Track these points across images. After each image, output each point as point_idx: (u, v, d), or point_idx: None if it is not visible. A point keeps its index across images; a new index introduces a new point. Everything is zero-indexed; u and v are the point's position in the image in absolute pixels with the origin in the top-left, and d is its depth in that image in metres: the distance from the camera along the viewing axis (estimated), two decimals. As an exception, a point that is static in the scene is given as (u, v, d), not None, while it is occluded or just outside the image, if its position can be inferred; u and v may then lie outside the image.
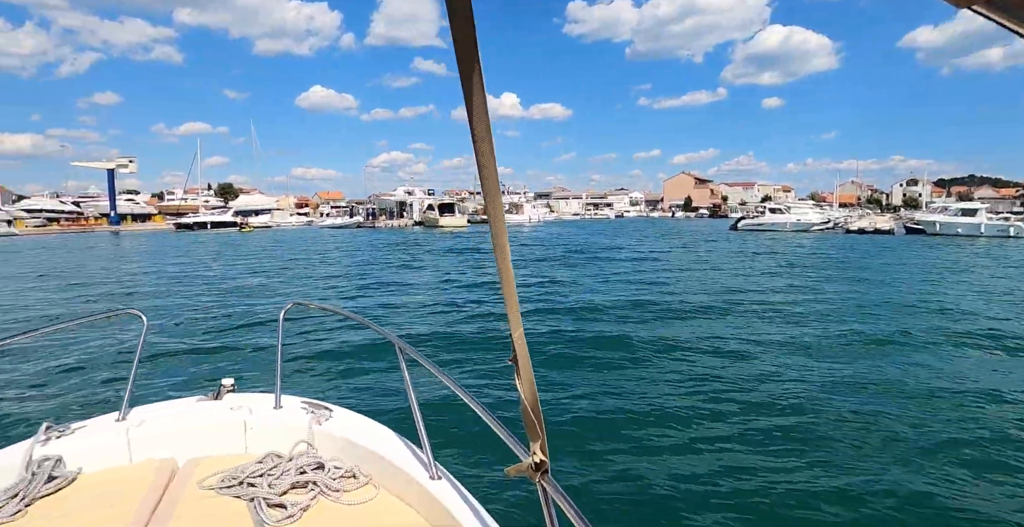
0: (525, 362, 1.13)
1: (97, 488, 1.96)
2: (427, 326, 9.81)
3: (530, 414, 1.18)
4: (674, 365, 7.32)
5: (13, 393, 5.85)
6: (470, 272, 18.62)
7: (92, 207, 79.97)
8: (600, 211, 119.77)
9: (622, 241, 36.37)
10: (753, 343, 8.32)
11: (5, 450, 2.08)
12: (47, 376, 6.44)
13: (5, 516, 1.74)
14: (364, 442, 2.13)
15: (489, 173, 0.90)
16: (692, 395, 6.14)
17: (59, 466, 2.00)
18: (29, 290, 15.30)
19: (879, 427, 5.20)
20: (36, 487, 1.87)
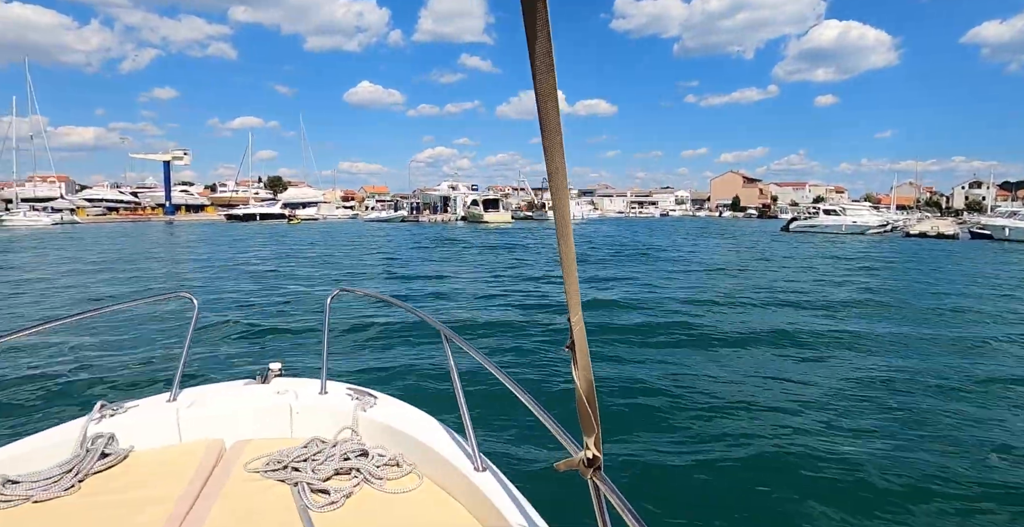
0: (583, 350, 1.08)
1: (147, 466, 1.99)
2: (473, 316, 9.70)
3: (585, 406, 1.12)
4: (733, 364, 6.96)
5: (71, 371, 5.97)
6: (515, 268, 18.31)
7: (149, 197, 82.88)
8: (645, 209, 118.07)
9: (669, 240, 35.56)
10: (821, 347, 7.79)
11: (62, 426, 2.14)
12: (103, 355, 6.54)
13: (60, 490, 1.77)
14: (408, 430, 2.11)
15: (557, 164, 0.88)
16: (755, 395, 5.84)
17: (112, 443, 2.03)
18: (89, 273, 15.83)
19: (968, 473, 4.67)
20: (90, 463, 1.91)
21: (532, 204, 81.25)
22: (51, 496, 1.76)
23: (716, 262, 20.86)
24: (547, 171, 0.90)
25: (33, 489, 1.77)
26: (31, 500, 1.74)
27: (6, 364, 6.05)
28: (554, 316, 9.80)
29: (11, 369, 5.96)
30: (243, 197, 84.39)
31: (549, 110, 0.82)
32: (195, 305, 2.77)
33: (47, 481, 1.81)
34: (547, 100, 0.82)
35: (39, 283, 14.22)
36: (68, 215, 61.37)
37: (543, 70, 0.79)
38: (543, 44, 0.77)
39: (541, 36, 0.76)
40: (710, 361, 7.08)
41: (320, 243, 31.30)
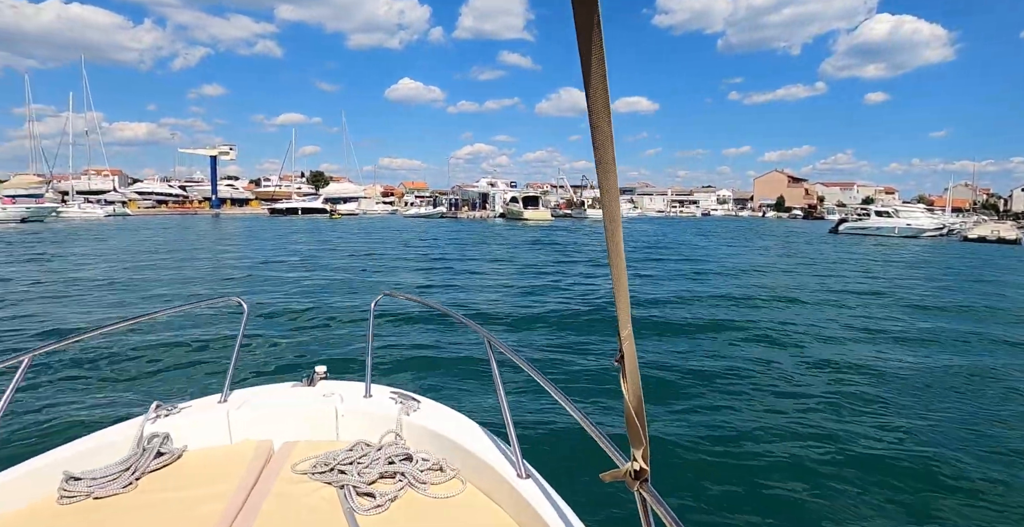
0: (632, 364, 1.10)
1: (200, 465, 2.05)
2: (514, 318, 9.49)
3: (634, 419, 1.13)
4: (789, 375, 6.56)
5: (128, 372, 6.17)
6: (558, 266, 18.00)
7: (196, 191, 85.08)
8: (686, 208, 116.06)
9: (712, 240, 34.71)
10: (892, 361, 7.27)
11: (120, 426, 2.21)
12: (158, 357, 6.74)
13: (118, 487, 1.84)
14: (452, 435, 2.11)
15: (607, 166, 0.87)
16: (819, 409, 5.55)
17: (166, 443, 2.10)
18: (141, 267, 16.18)
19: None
20: (146, 462, 1.97)
21: (571, 202, 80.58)
22: (110, 493, 1.82)
23: (766, 265, 20.16)
24: (599, 184, 0.89)
25: (93, 486, 1.83)
26: (92, 496, 1.80)
27: (70, 364, 6.25)
28: (598, 318, 9.49)
29: (74, 369, 6.15)
30: (286, 192, 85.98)
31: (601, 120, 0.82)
32: (244, 309, 2.85)
33: (107, 478, 1.88)
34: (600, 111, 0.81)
35: (95, 270, 14.66)
36: (120, 207, 63.45)
37: (595, 72, 0.79)
38: (595, 46, 0.76)
39: (595, 39, 0.75)
40: (770, 369, 6.70)
41: (360, 238, 31.50)
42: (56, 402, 5.29)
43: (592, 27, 0.74)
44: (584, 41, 0.76)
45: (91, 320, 9.06)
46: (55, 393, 5.53)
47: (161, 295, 11.67)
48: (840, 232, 47.48)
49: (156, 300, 11.05)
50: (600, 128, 0.82)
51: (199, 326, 8.14)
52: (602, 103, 0.81)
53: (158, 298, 11.31)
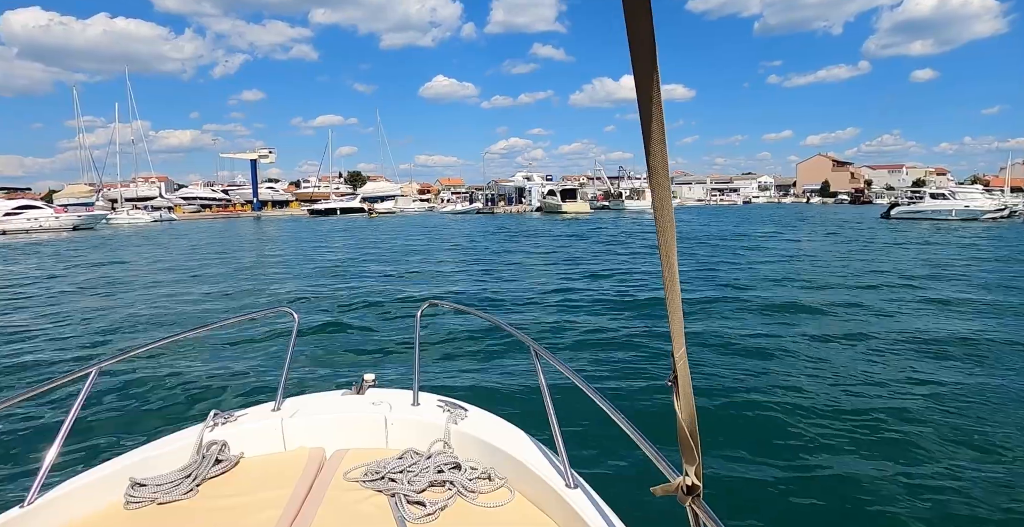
0: (686, 383, 1.11)
1: (256, 472, 2.10)
2: (560, 322, 9.16)
3: (687, 437, 1.14)
4: (851, 385, 5.95)
5: (187, 381, 6.36)
6: (604, 262, 17.43)
7: (238, 195, 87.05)
8: (726, 197, 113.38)
9: (759, 229, 33.53)
10: (970, 367, 6.56)
11: (180, 433, 2.30)
12: (215, 366, 6.91)
13: (180, 493, 1.90)
14: (499, 444, 2.10)
15: (658, 163, 0.85)
16: (885, 418, 5.04)
17: (224, 450, 2.15)
18: (188, 274, 16.44)
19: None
20: (205, 469, 2.02)
21: (609, 193, 79.53)
22: (173, 499, 1.88)
23: (825, 253, 19.21)
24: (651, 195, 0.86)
25: (158, 492, 1.89)
26: (156, 502, 1.86)
27: (132, 375, 6.45)
28: (646, 320, 8.98)
29: (137, 378, 6.38)
30: (324, 193, 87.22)
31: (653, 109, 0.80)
32: (295, 319, 2.89)
33: (169, 485, 1.93)
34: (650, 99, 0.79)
35: (145, 277, 15.03)
36: (166, 213, 65.25)
37: (644, 62, 0.78)
38: (645, 35, 0.75)
39: (643, 27, 0.74)
40: (823, 385, 6.07)
41: (398, 237, 31.42)
42: (121, 410, 5.53)
43: (641, 15, 0.73)
44: (633, 30, 0.74)
45: (149, 329, 9.29)
46: (120, 401, 5.75)
47: (210, 303, 11.80)
48: (892, 217, 45.44)
49: (207, 307, 11.31)
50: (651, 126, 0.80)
51: (252, 336, 8.32)
52: (653, 98, 0.79)
53: (208, 305, 11.48)
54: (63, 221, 46.84)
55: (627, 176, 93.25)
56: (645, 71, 0.77)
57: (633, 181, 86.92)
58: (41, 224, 45.33)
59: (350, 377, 3.57)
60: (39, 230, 44.54)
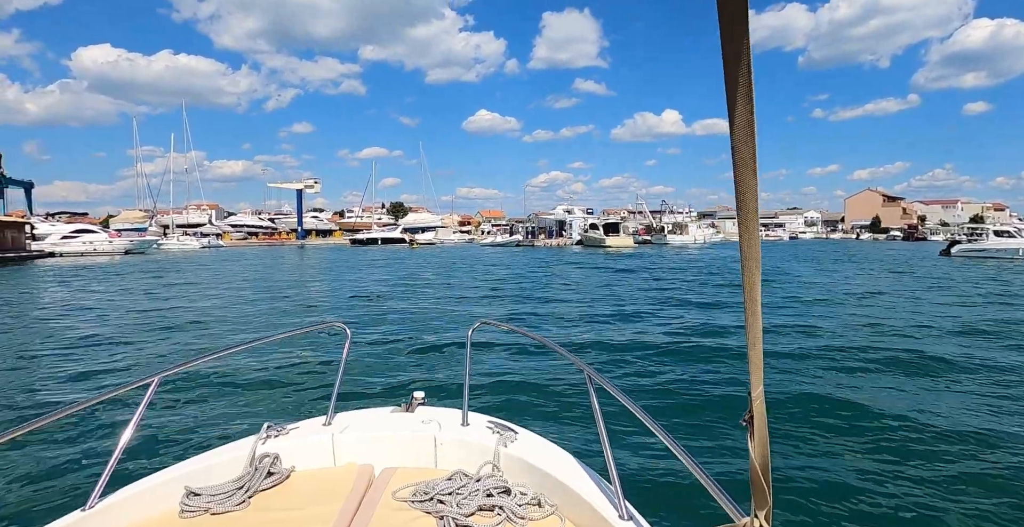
0: (761, 424, 1.09)
1: (306, 486, 2.10)
2: (614, 352, 8.68)
3: (759, 479, 1.11)
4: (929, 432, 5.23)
5: (241, 393, 6.48)
6: (656, 299, 16.59)
7: (284, 223, 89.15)
8: (771, 232, 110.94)
9: (809, 267, 32.08)
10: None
11: (234, 444, 2.31)
12: (268, 379, 7.03)
13: (232, 504, 1.91)
14: (550, 469, 2.04)
15: (748, 200, 0.84)
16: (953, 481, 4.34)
17: (276, 463, 2.16)
18: (239, 296, 16.66)
19: None
20: (258, 480, 2.04)
21: (650, 227, 78.43)
22: (225, 509, 1.89)
23: (885, 298, 17.95)
24: (738, 219, 0.85)
25: (212, 502, 1.91)
26: (209, 512, 1.88)
27: (190, 385, 6.61)
28: (717, 358, 8.18)
29: (194, 389, 6.53)
30: (366, 223, 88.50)
31: (745, 146, 0.80)
32: (347, 334, 2.88)
33: (223, 495, 1.95)
34: (744, 138, 0.80)
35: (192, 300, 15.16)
36: (214, 239, 67.06)
37: (742, 103, 0.79)
38: (743, 74, 0.77)
39: (743, 66, 0.76)
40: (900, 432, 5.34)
41: (439, 268, 31.19)
42: (179, 418, 5.64)
43: (741, 53, 0.74)
44: (732, 68, 0.76)
45: (204, 342, 9.64)
46: (178, 410, 5.88)
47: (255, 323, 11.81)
48: (953, 255, 43.17)
49: (252, 327, 11.46)
50: (742, 158, 0.79)
51: (305, 350, 8.45)
52: (746, 130, 0.79)
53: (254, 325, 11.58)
54: (116, 245, 48.22)
55: (669, 210, 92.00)
56: (740, 106, 0.75)
57: (676, 215, 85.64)
58: (96, 248, 46.72)
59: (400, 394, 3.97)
60: (93, 253, 45.88)
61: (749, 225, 0.82)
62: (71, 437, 5.04)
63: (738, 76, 0.74)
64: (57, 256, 44.14)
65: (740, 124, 0.77)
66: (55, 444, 4.88)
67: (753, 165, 0.79)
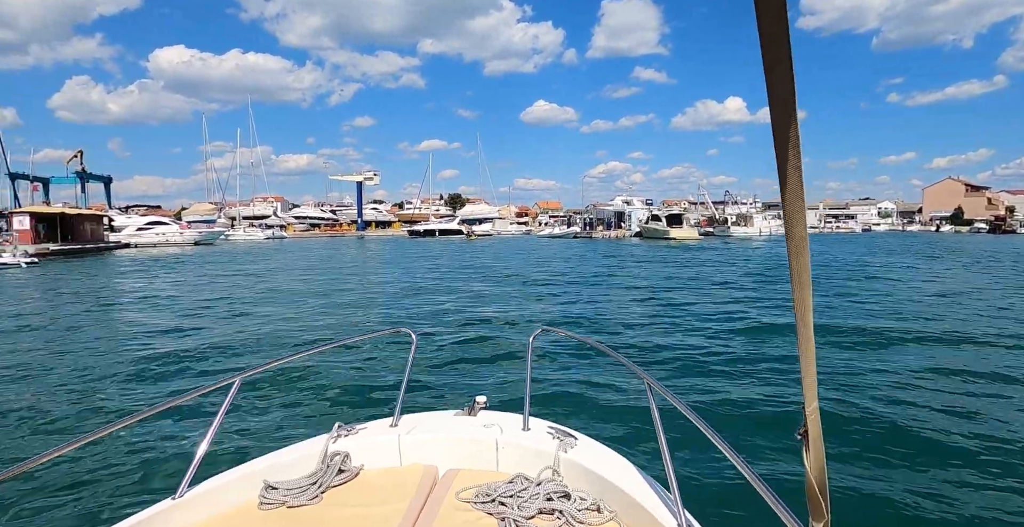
0: (817, 438, 1.08)
1: (374, 484, 2.17)
2: (678, 362, 8.31)
3: (816, 493, 1.11)
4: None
5: (314, 393, 6.81)
6: (735, 294, 15.60)
7: (345, 215, 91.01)
8: (842, 223, 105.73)
9: (898, 260, 30.00)
10: None
11: (308, 442, 2.42)
12: (339, 381, 7.34)
13: (306, 499, 2.01)
14: (609, 476, 2.05)
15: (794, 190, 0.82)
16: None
17: (346, 461, 2.25)
18: (300, 288, 16.88)
19: None
20: (329, 477, 2.13)
21: (713, 219, 75.96)
22: (300, 503, 1.99)
23: (986, 303, 16.33)
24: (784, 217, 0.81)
25: (288, 496, 2.01)
26: (285, 505, 1.98)
27: (268, 385, 6.98)
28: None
29: (271, 389, 6.90)
30: (424, 214, 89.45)
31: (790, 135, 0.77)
32: (413, 340, 2.99)
33: (298, 490, 2.05)
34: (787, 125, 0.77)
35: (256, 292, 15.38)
36: (278, 231, 69.10)
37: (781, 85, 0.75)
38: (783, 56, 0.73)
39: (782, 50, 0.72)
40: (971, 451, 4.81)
41: (498, 260, 30.78)
42: (256, 417, 5.97)
43: (781, 37, 0.71)
44: (770, 51, 0.72)
45: (282, 342, 10.11)
46: (256, 410, 6.21)
47: (320, 319, 12.24)
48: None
49: (317, 322, 11.99)
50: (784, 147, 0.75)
51: (373, 354, 8.77)
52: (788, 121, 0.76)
53: (319, 321, 12.04)
54: (186, 236, 50.14)
55: (732, 201, 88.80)
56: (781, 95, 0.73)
57: (740, 206, 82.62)
58: (168, 239, 48.70)
59: (462, 398, 3.98)
60: (165, 244, 47.84)
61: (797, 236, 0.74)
62: (164, 431, 5.45)
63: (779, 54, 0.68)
64: (132, 247, 46.16)
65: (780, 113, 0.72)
66: (151, 437, 5.30)
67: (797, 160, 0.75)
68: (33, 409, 6.27)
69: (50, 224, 40.48)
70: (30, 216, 39.06)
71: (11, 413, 6.11)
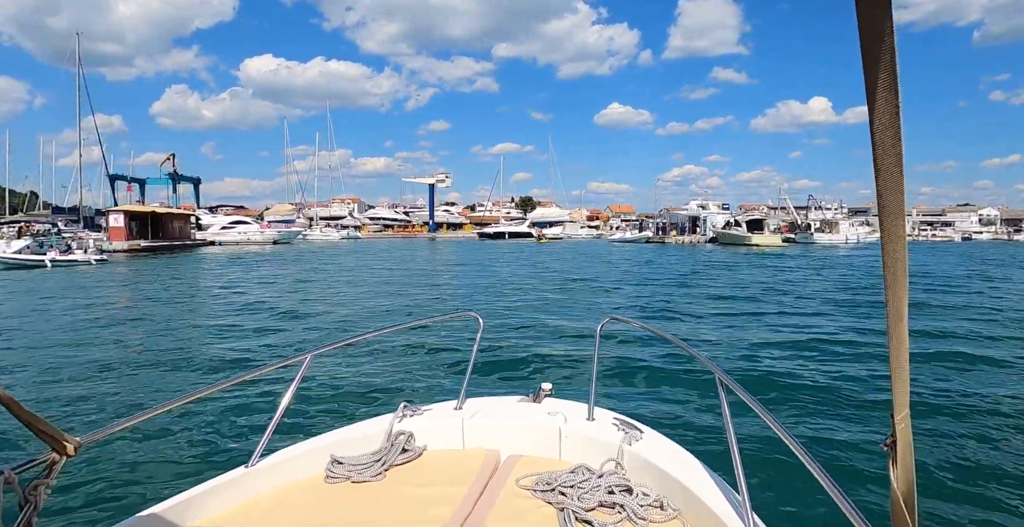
0: (906, 450, 1.02)
1: (436, 465, 2.20)
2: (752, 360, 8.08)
3: (902, 509, 1.05)
4: None
5: (381, 373, 6.98)
6: (830, 308, 14.30)
7: (417, 216, 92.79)
8: (939, 231, 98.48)
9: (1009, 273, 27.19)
10: None
11: (373, 420, 2.52)
12: (406, 361, 7.54)
13: (370, 475, 2.06)
14: (674, 472, 1.99)
15: (892, 193, 0.79)
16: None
17: (410, 441, 2.29)
18: (375, 284, 17.34)
19: None
20: (393, 456, 2.18)
21: (795, 225, 72.30)
22: (364, 479, 2.05)
23: None
24: (879, 222, 0.79)
25: (352, 471, 2.08)
26: (350, 480, 2.05)
27: (339, 362, 7.24)
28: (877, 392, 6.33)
29: (341, 366, 7.18)
30: (494, 216, 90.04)
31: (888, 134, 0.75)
32: (480, 324, 3.02)
33: (362, 466, 2.11)
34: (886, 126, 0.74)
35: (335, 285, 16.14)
36: (352, 231, 71.19)
37: (881, 82, 0.73)
38: (885, 54, 0.71)
39: (885, 47, 0.71)
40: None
41: (568, 263, 30.11)
42: (326, 393, 6.19)
43: (883, 34, 0.70)
44: (871, 49, 0.71)
45: (352, 323, 10.65)
46: (326, 385, 6.42)
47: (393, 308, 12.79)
48: None
49: (389, 310, 12.59)
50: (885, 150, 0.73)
51: (441, 336, 8.88)
52: (889, 120, 0.73)
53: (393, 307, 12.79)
54: (266, 235, 52.09)
55: (816, 206, 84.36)
56: (882, 95, 0.70)
57: (824, 212, 78.44)
58: (249, 237, 50.71)
59: (527, 384, 3.91)
60: (247, 242, 49.83)
61: (893, 229, 0.72)
62: (242, 402, 5.75)
63: (880, 51, 0.66)
64: (216, 245, 48.28)
65: (881, 112, 0.69)
66: (228, 407, 5.61)
67: (899, 162, 0.72)
68: (133, 376, 7.10)
69: (142, 222, 42.92)
70: (124, 214, 41.53)
71: (119, 378, 7.00)
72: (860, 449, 4.86)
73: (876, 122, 0.72)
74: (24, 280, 20.77)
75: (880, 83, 0.70)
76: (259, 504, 1.95)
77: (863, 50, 0.69)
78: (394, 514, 1.85)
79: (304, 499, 1.97)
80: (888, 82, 0.70)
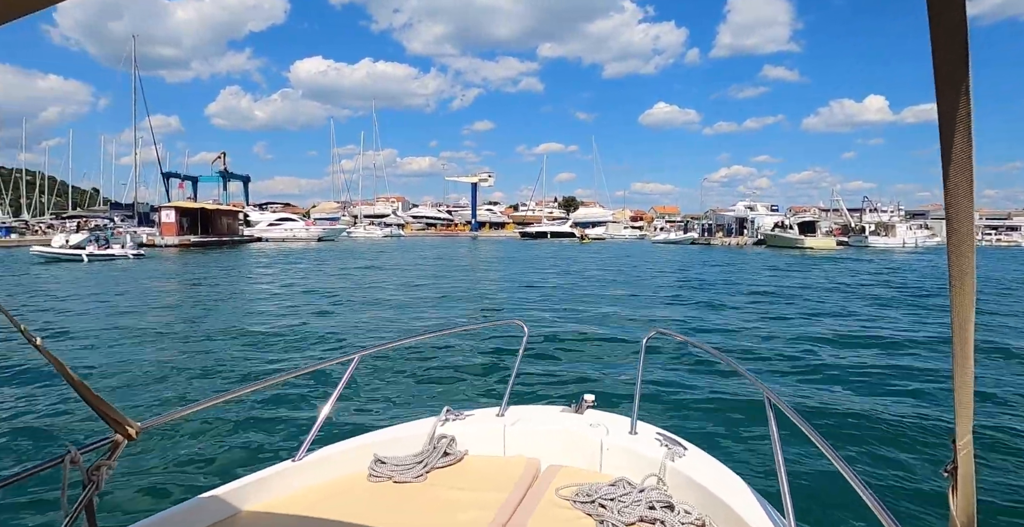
0: (968, 478, 0.96)
1: (477, 470, 2.22)
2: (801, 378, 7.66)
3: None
4: None
5: (425, 376, 7.07)
6: (892, 316, 13.55)
7: (460, 215, 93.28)
8: (1003, 236, 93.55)
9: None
10: None
11: (416, 422, 2.53)
12: (450, 366, 7.59)
13: (412, 476, 2.09)
14: (718, 491, 1.93)
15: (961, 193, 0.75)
16: None
17: (452, 445, 2.32)
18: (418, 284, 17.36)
19: None
20: (435, 458, 2.21)
21: (848, 227, 69.73)
22: (406, 480, 2.09)
23: None
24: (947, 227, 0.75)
25: (395, 471, 2.12)
26: (392, 479, 2.09)
27: (385, 363, 7.36)
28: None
29: (387, 368, 7.27)
30: (537, 216, 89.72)
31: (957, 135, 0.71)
32: (525, 332, 3.00)
33: (404, 467, 2.15)
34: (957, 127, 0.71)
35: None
36: (396, 229, 72.09)
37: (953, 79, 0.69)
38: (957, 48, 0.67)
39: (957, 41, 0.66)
40: None
41: (610, 265, 29.53)
42: (371, 393, 6.29)
43: (956, 26, 0.65)
44: (942, 43, 0.67)
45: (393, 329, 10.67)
46: (372, 386, 6.54)
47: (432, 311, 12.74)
48: None
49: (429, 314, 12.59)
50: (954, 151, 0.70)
51: (485, 342, 8.91)
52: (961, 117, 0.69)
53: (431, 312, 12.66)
54: (311, 233, 53.11)
55: (871, 208, 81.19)
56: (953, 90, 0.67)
57: (879, 214, 75.37)
58: (294, 234, 51.80)
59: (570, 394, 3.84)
60: (292, 239, 50.88)
61: (960, 236, 0.68)
62: (290, 398, 5.89)
63: (952, 45, 0.63)
64: (263, 241, 49.42)
65: (948, 109, 0.67)
66: (277, 403, 5.76)
67: (968, 164, 0.68)
68: (184, 370, 7.32)
69: (192, 218, 44.27)
70: (175, 210, 42.96)
71: (169, 370, 7.24)
72: (918, 477, 4.59)
73: (945, 121, 0.69)
74: (87, 270, 21.56)
75: (951, 80, 0.67)
76: (304, 497, 2.00)
77: (933, 44, 0.64)
78: (434, 516, 1.87)
79: (347, 495, 2.02)
80: (959, 79, 0.66)
